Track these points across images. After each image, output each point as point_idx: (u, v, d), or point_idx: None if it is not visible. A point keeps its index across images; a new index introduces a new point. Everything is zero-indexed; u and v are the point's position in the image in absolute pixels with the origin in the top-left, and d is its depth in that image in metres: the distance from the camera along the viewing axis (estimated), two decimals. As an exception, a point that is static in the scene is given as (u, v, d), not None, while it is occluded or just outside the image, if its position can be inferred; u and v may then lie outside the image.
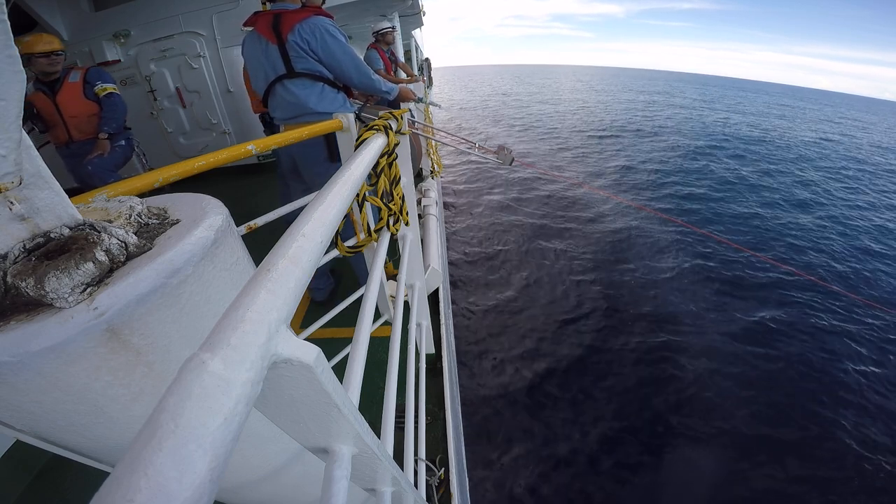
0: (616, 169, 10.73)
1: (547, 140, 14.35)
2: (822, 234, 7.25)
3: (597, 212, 7.51)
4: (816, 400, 3.54)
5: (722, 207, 8.28)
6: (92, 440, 0.39)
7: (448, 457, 1.46)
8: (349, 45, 1.84)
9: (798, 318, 4.63)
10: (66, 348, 0.31)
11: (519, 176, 9.55)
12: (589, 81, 58.83)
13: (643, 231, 6.72)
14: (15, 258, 0.33)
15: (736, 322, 4.51)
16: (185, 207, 0.44)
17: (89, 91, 2.93)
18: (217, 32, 4.34)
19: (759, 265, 5.71)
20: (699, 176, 10.35)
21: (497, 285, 5.13)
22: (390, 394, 0.90)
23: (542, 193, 8.49)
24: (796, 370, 3.85)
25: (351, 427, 0.34)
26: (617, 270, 5.47)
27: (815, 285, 5.17)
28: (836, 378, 3.81)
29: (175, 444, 0.16)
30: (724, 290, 5.14)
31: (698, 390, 3.56)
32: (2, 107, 0.29)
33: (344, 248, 1.14)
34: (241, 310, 0.24)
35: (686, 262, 5.77)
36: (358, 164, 0.70)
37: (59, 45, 2.78)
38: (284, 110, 1.91)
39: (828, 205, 8.93)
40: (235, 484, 0.57)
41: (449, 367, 1.88)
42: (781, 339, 4.27)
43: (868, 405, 3.55)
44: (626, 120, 19.39)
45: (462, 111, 22.48)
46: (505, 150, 2.12)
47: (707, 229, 6.57)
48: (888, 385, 3.79)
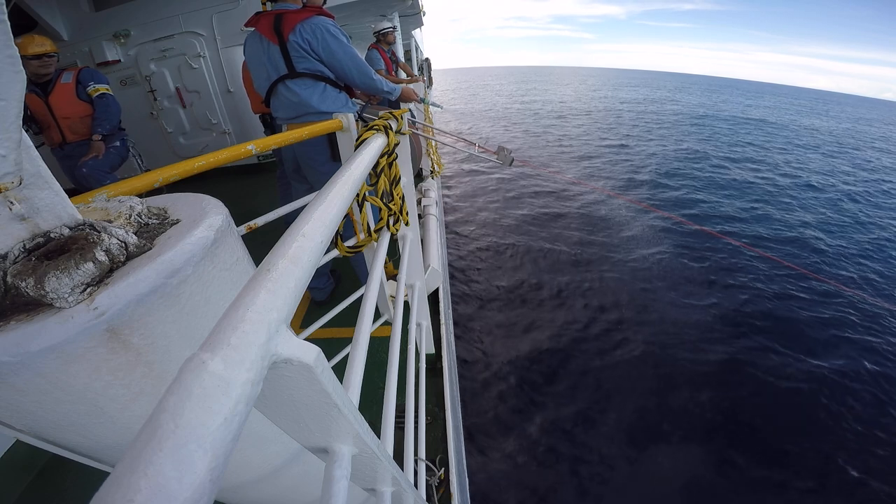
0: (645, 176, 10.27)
1: (558, 146, 13.87)
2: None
3: (599, 211, 7.52)
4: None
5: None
6: (92, 440, 0.39)
7: (448, 457, 1.46)
8: (350, 45, 1.84)
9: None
10: (66, 348, 0.31)
11: (520, 175, 9.56)
12: (604, 85, 56.16)
13: (644, 229, 6.73)
14: (15, 258, 0.33)
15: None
16: (185, 207, 0.44)
17: (82, 92, 2.90)
18: (217, 32, 4.34)
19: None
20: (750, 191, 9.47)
21: (497, 285, 5.13)
22: (390, 394, 0.90)
23: (542, 193, 8.49)
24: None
25: (351, 427, 0.34)
26: (619, 269, 5.47)
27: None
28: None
29: (175, 444, 0.16)
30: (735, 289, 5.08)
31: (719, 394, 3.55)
32: (2, 107, 0.29)
33: (344, 248, 1.14)
34: (241, 310, 0.24)
35: (668, 253, 5.82)
36: (358, 163, 0.70)
37: (52, 47, 2.76)
38: (287, 110, 1.91)
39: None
40: (235, 484, 0.57)
41: (449, 367, 1.88)
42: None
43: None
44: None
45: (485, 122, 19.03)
46: (505, 150, 2.12)
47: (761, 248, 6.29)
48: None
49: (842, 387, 3.68)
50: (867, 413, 3.43)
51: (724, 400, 3.47)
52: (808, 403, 3.50)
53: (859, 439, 3.19)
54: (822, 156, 14.31)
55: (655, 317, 4.50)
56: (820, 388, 3.64)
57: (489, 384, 3.58)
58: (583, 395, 3.48)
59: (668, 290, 5.03)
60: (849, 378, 3.79)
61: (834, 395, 3.58)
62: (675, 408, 3.38)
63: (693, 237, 6.39)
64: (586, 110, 23.59)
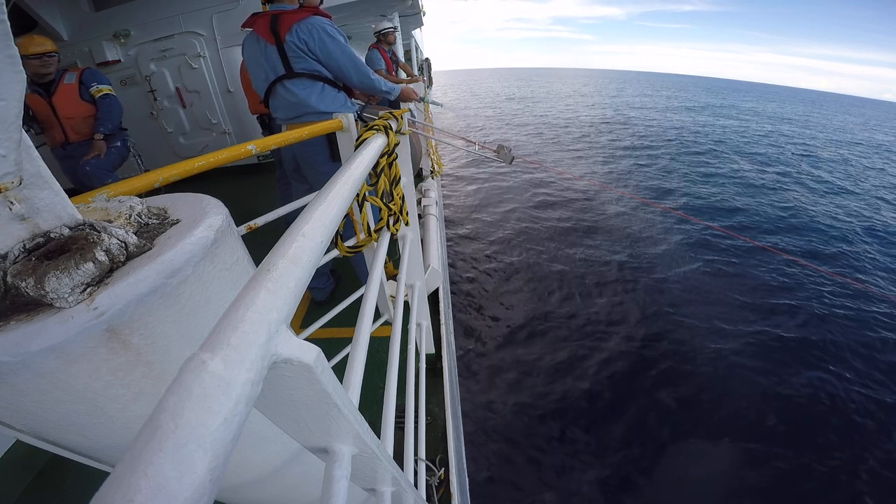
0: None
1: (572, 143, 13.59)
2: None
3: (602, 211, 7.52)
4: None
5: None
6: (92, 440, 0.39)
7: (448, 457, 1.46)
8: (348, 45, 1.84)
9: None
10: (66, 348, 0.31)
11: (521, 175, 9.56)
12: (617, 88, 52.50)
13: (643, 224, 6.73)
14: (15, 258, 0.33)
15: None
16: (185, 207, 0.44)
17: (85, 92, 2.93)
18: (217, 32, 4.34)
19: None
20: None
21: (497, 284, 5.13)
22: (390, 394, 0.90)
23: (543, 193, 8.49)
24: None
25: (351, 427, 0.34)
26: (622, 269, 5.47)
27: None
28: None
29: (175, 444, 0.16)
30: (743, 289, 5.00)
31: (707, 392, 3.53)
32: (2, 107, 0.29)
33: (344, 248, 1.14)
34: (241, 310, 0.24)
35: (692, 254, 5.75)
36: (358, 164, 0.70)
37: (52, 47, 2.77)
38: (286, 110, 1.91)
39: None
40: (235, 484, 0.57)
41: (449, 367, 1.88)
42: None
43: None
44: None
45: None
46: (505, 148, 2.12)
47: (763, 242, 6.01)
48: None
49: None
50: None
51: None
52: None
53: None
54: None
55: (664, 318, 4.49)
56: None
57: (490, 383, 3.59)
58: (585, 395, 3.48)
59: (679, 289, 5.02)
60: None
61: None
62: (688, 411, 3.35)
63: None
64: (602, 114, 22.81)
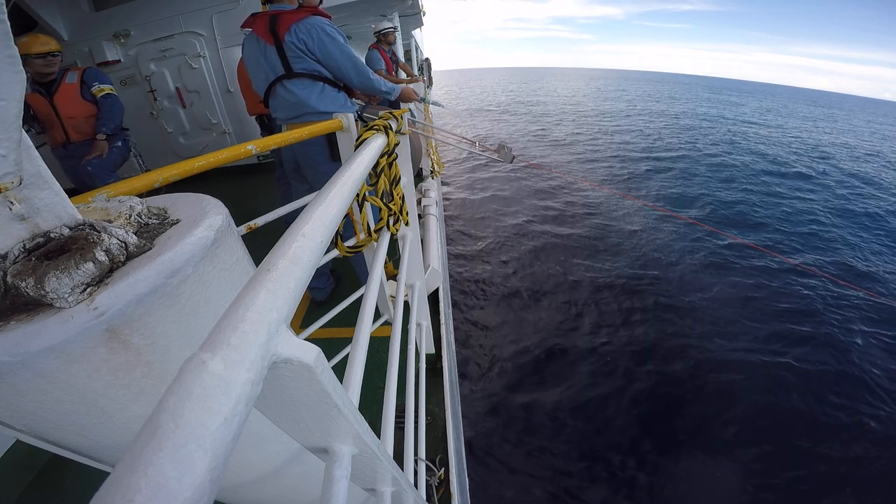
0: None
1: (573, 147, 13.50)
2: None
3: (603, 211, 7.52)
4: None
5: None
6: (92, 440, 0.39)
7: (448, 457, 1.46)
8: (347, 45, 1.84)
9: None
10: (66, 348, 0.31)
11: (521, 174, 9.56)
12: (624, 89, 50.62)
13: (642, 224, 6.73)
14: (15, 258, 0.33)
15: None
16: (185, 207, 0.44)
17: (86, 92, 2.93)
18: (217, 32, 4.34)
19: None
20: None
21: (498, 284, 5.13)
22: (390, 394, 0.90)
23: (544, 192, 8.49)
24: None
25: (351, 427, 0.34)
26: (622, 268, 5.47)
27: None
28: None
29: (175, 444, 0.16)
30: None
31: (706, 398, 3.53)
32: (2, 107, 0.29)
33: (344, 248, 1.14)
34: (241, 310, 0.24)
35: (699, 254, 5.75)
36: (358, 164, 0.70)
37: (56, 46, 2.78)
38: (286, 110, 1.91)
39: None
40: (235, 484, 0.57)
41: (449, 367, 1.88)
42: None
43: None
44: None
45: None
46: (505, 148, 2.12)
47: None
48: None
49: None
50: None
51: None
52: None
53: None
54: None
55: (665, 317, 4.49)
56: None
57: (490, 383, 3.58)
58: (585, 395, 3.48)
59: (682, 289, 5.02)
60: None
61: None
62: (689, 414, 3.36)
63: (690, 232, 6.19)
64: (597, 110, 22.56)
